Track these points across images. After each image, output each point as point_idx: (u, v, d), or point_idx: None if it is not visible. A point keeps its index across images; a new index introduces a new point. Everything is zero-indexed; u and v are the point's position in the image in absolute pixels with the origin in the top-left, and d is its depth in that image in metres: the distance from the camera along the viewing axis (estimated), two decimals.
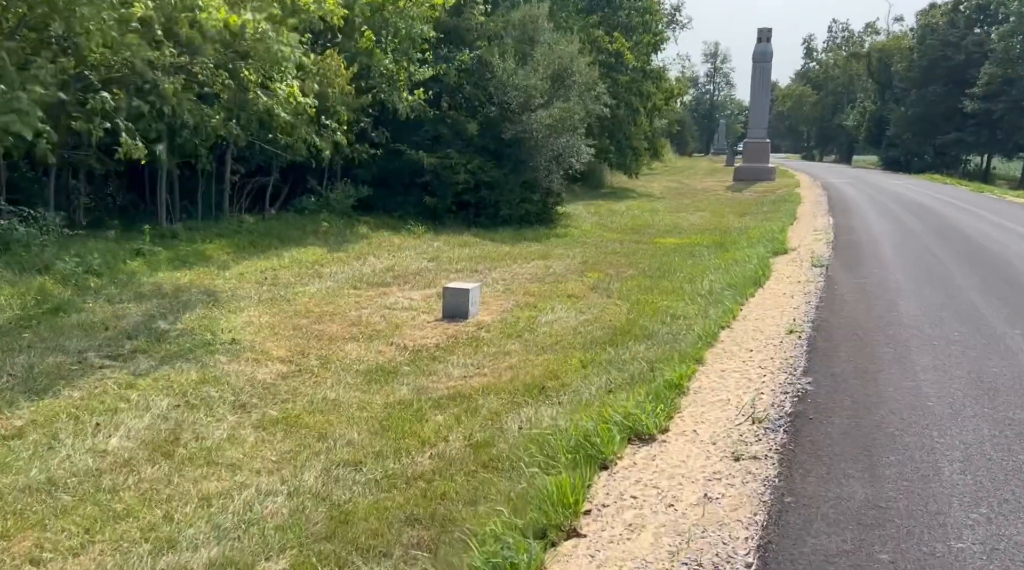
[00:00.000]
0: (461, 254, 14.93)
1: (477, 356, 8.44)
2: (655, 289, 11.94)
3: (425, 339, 9.12)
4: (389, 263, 13.71)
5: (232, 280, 11.59)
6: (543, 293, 11.82)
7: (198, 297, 10.33)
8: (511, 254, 15.28)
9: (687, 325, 9.24)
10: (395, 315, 10.18)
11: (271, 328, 9.21)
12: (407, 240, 16.29)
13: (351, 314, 10.10)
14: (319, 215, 16.81)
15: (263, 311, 9.98)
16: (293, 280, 11.91)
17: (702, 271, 13.36)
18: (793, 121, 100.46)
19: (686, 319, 9.66)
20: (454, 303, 10.13)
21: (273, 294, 10.92)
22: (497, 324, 9.87)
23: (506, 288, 12.16)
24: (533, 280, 12.90)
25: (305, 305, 10.42)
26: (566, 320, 10.10)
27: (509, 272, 13.51)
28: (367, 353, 8.44)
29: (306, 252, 14.04)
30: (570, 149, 19.74)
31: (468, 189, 18.40)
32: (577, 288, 12.25)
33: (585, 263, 14.69)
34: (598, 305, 10.99)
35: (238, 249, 13.70)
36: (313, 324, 9.52)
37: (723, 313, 9.58)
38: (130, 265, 11.55)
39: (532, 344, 8.91)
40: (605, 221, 21.79)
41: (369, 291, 11.55)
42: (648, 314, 10.09)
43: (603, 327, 9.65)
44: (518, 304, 11.04)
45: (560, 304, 11.02)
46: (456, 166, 18.15)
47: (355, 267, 13.21)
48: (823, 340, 7.96)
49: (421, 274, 12.94)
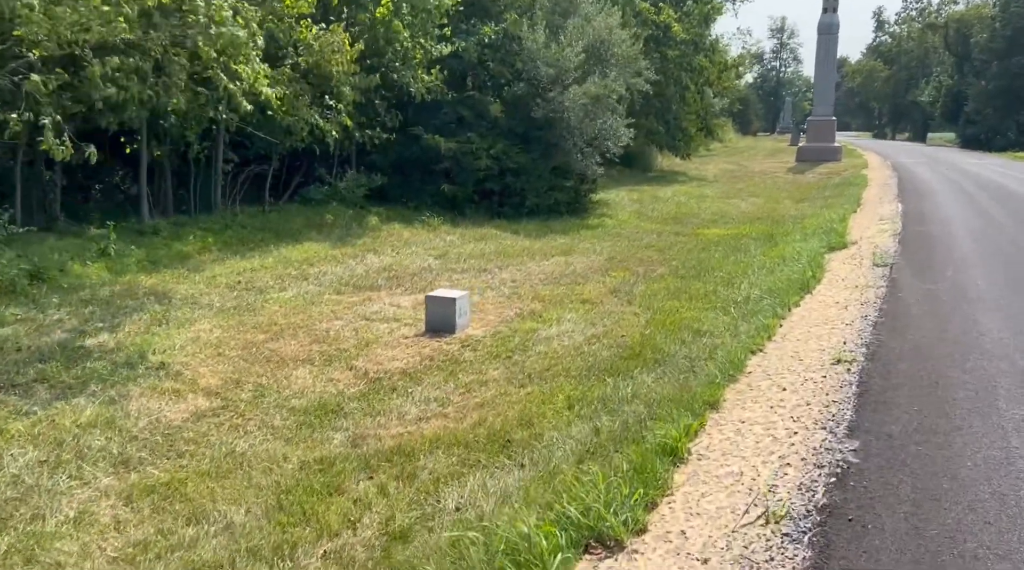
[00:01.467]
0: (474, 250, 13.41)
1: (447, 386, 6.93)
2: (684, 293, 10.24)
3: (394, 361, 7.64)
4: (389, 261, 12.27)
5: (201, 284, 10.28)
6: (554, 298, 10.24)
7: (150, 306, 9.03)
8: (531, 249, 13.70)
9: (711, 345, 7.57)
10: (371, 328, 8.73)
11: (216, 346, 7.85)
12: (419, 233, 14.83)
13: (319, 327, 8.68)
14: (327, 206, 15.47)
15: (218, 323, 8.63)
16: (271, 283, 10.56)
17: (743, 270, 11.59)
18: (864, 98, 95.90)
19: (712, 336, 7.99)
20: (438, 315, 8.63)
21: (239, 301, 9.57)
22: (487, 340, 8.34)
23: (513, 291, 10.61)
24: (548, 281, 11.31)
25: (270, 315, 9.04)
26: (571, 335, 8.51)
27: (522, 271, 11.94)
28: (316, 382, 7.00)
29: (299, 249, 12.69)
30: (607, 131, 17.98)
31: (491, 176, 16.83)
32: (595, 291, 10.63)
33: (611, 260, 13.02)
34: (613, 314, 9.37)
35: (224, 246, 12.42)
36: (269, 341, 8.13)
37: (757, 331, 7.88)
38: (88, 268, 10.34)
39: (520, 369, 7.36)
40: (646, 209, 19.99)
41: (353, 296, 10.12)
42: (668, 328, 8.44)
43: (611, 345, 8.04)
44: (521, 313, 9.48)
45: (570, 313, 9.43)
46: (478, 151, 16.60)
47: (349, 266, 11.81)
48: (879, 376, 6.21)
49: (420, 275, 11.47)
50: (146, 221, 12.53)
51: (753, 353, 7.19)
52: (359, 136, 15.79)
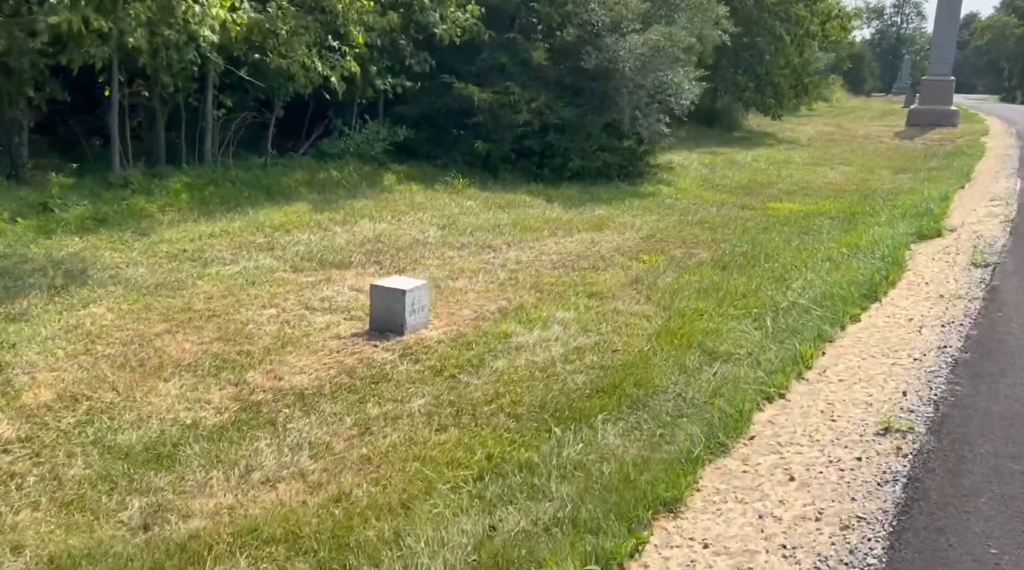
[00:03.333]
0: (488, 220, 11.49)
1: (343, 421, 5.14)
2: (718, 291, 8.13)
3: (300, 374, 5.89)
4: (381, 230, 10.49)
5: (136, 252, 8.74)
6: (557, 288, 8.29)
7: (51, 280, 7.53)
8: (558, 222, 11.69)
9: (719, 380, 5.54)
10: (304, 321, 7.00)
11: (91, 340, 6.26)
12: (435, 197, 12.98)
13: (239, 317, 7.01)
14: (340, 162, 13.78)
15: (119, 306, 7.05)
16: (223, 254, 8.94)
17: (803, 262, 9.34)
18: (992, 57, 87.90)
19: (728, 362, 5.95)
20: (384, 310, 6.81)
21: (168, 277, 7.98)
22: (440, 347, 6.50)
23: (511, 277, 8.70)
24: (560, 264, 9.34)
25: (191, 298, 7.42)
26: (550, 345, 6.59)
27: (535, 250, 9.99)
28: (179, 402, 5.32)
29: (283, 212, 11.05)
30: (669, 85, 15.61)
31: (532, 132, 14.77)
32: (611, 281, 8.62)
33: (649, 238, 10.91)
34: (619, 317, 7.37)
35: (198, 205, 10.88)
36: (165, 334, 6.50)
37: (788, 361, 5.78)
38: (15, 225, 8.95)
39: (455, 399, 5.51)
40: (715, 175, 17.55)
41: (311, 275, 8.41)
42: (677, 344, 6.43)
43: (593, 366, 6.09)
44: (505, 307, 7.59)
45: (565, 311, 7.48)
46: (517, 103, 14.54)
47: (330, 236, 10.09)
48: (944, 468, 4.07)
49: (409, 250, 9.65)
50: (116, 172, 11.10)
51: (770, 400, 5.12)
52: (381, 83, 13.99)
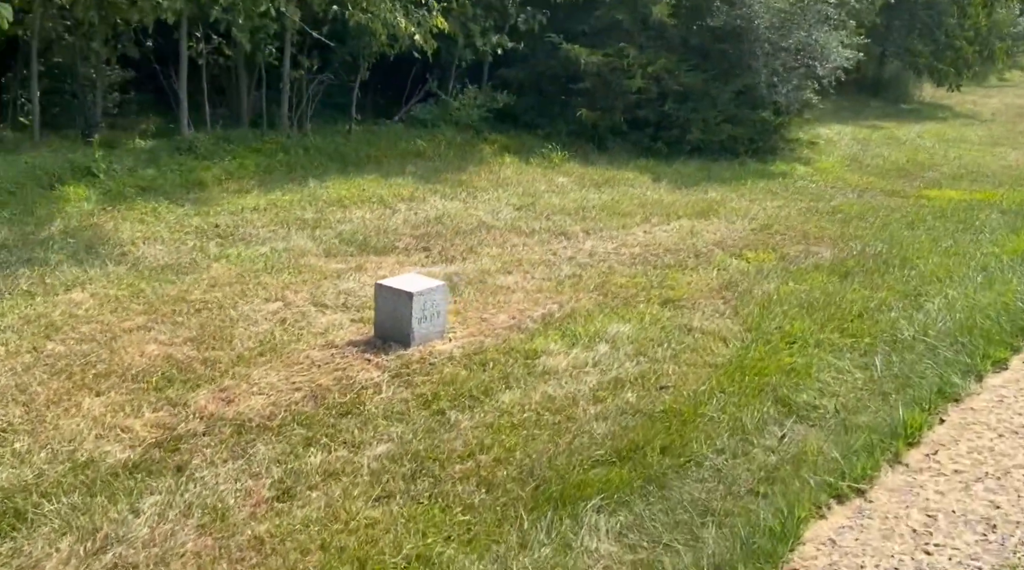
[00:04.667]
0: (576, 201, 10.06)
1: (259, 479, 4.02)
2: (825, 308, 6.44)
3: (261, 394, 4.82)
4: (448, 209, 9.31)
5: (163, 226, 7.98)
6: (626, 291, 6.85)
7: (50, 256, 6.85)
8: (658, 205, 10.11)
9: (780, 454, 4.00)
10: (308, 321, 5.94)
11: (46, 333, 5.45)
12: (527, 171, 11.65)
13: (235, 310, 6.04)
14: (434, 130, 12.70)
15: (106, 290, 6.25)
16: (257, 231, 8.04)
17: (948, 271, 7.41)
18: None
19: (801, 421, 4.39)
20: (389, 315, 5.63)
21: (182, 257, 7.14)
22: (447, 366, 5.27)
23: (575, 273, 7.32)
24: (641, 259, 7.86)
25: (194, 284, 6.52)
26: (582, 375, 5.22)
27: (617, 240, 8.53)
28: (86, 430, 4.36)
29: (349, 185, 10.06)
30: (813, 48, 13.46)
31: (647, 101, 13.09)
32: (697, 285, 7.07)
33: (763, 229, 9.16)
34: (686, 338, 5.87)
35: (260, 174, 10.08)
36: (135, 329, 5.61)
37: (884, 431, 4.15)
38: (50, 192, 8.42)
39: (423, 452, 4.27)
40: (866, 154, 15.16)
41: (341, 262, 7.35)
42: (743, 386, 4.91)
43: (624, 411, 4.69)
44: (551, 315, 6.24)
45: (624, 324, 6.06)
46: (631, 67, 12.89)
47: (386, 215, 9.01)
48: None
49: (469, 234, 8.43)
50: (184, 136, 10.49)
51: (842, 499, 3.56)
52: (481, 44, 12.76)
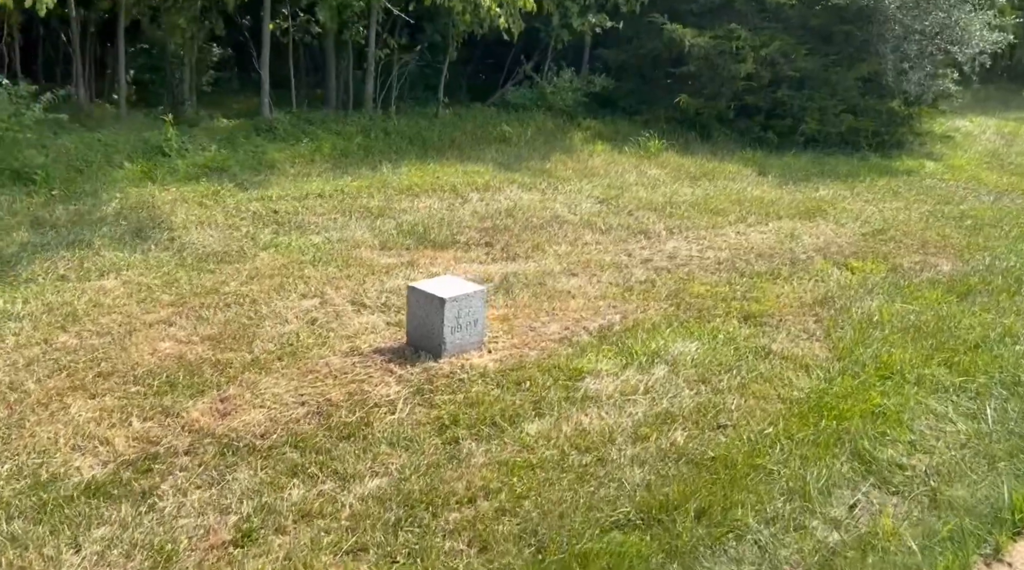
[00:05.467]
0: (665, 195, 9.23)
1: (224, 515, 3.54)
2: (936, 335, 5.48)
3: (263, 407, 4.37)
4: (523, 201, 8.68)
5: (219, 210, 7.70)
6: (703, 302, 6.08)
7: (95, 239, 6.64)
8: (758, 202, 9.16)
9: (843, 533, 3.20)
10: (340, 322, 5.47)
11: (63, 324, 5.17)
12: (618, 160, 10.86)
13: (268, 306, 5.63)
14: (526, 114, 12.09)
15: (140, 278, 5.97)
16: (316, 219, 7.65)
17: None
18: None
19: (881, 486, 3.59)
20: (422, 322, 5.07)
21: (231, 244, 6.81)
22: (478, 384, 4.68)
23: (648, 278, 6.58)
24: (728, 265, 7.03)
25: (236, 273, 6.17)
26: (628, 404, 4.55)
27: (703, 241, 7.70)
28: (63, 440, 4.00)
29: (422, 171, 9.56)
30: (952, 30, 12.04)
31: (757, 87, 12.03)
32: (788, 299, 6.22)
33: (876, 235, 8.12)
34: (762, 364, 5.08)
35: (336, 157, 9.73)
36: (156, 324, 5.27)
37: (986, 514, 3.28)
38: (120, 170, 8.31)
39: (418, 493, 3.70)
40: (1011, 151, 13.50)
41: (395, 256, 6.85)
42: (817, 433, 4.14)
43: (662, 458, 3.98)
44: (609, 327, 5.55)
45: (692, 342, 5.33)
46: (741, 50, 11.86)
47: (455, 205, 8.46)
48: None
49: (540, 229, 7.77)
50: (264, 116, 10.27)
51: None
52: (578, 23, 12.03)
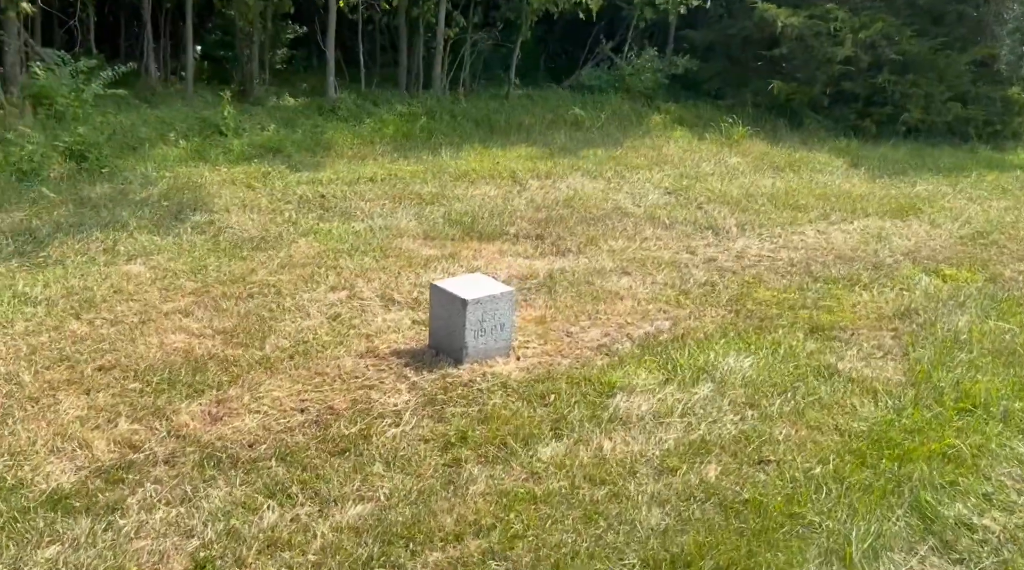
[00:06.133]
0: (743, 187, 8.55)
1: (174, 544, 3.21)
2: None
3: (256, 413, 4.05)
4: (585, 190, 8.17)
5: (267, 193, 7.47)
6: (767, 310, 5.49)
7: (131, 220, 6.49)
8: (846, 197, 8.38)
9: None
10: (362, 319, 5.13)
11: (76, 311, 4.98)
12: (697, 148, 10.18)
13: (293, 298, 5.33)
14: (602, 96, 11.53)
15: (167, 263, 5.76)
16: (362, 205, 7.34)
17: None
18: None
19: (945, 544, 3.01)
20: (443, 324, 4.66)
21: (270, 230, 6.56)
22: (497, 396, 4.25)
23: (709, 280, 6.01)
24: (801, 268, 6.38)
25: (268, 261, 5.90)
26: (660, 428, 4.04)
27: (777, 240, 7.04)
28: (42, 444, 3.75)
29: (483, 155, 9.15)
30: None
31: (855, 72, 11.10)
32: (865, 310, 5.56)
33: (979, 237, 7.28)
34: (824, 387, 4.48)
35: (397, 139, 9.42)
36: (171, 314, 5.03)
37: None
38: (171, 149, 8.21)
39: (400, 526, 3.29)
40: None
41: (436, 247, 6.45)
42: (875, 478, 3.56)
43: (688, 497, 3.48)
44: (655, 335, 5.04)
45: (746, 356, 4.77)
46: (839, 31, 10.95)
47: (512, 193, 8.02)
48: None
49: (597, 222, 7.25)
50: (329, 96, 10.04)
51: None
52: (662, 2, 11.36)
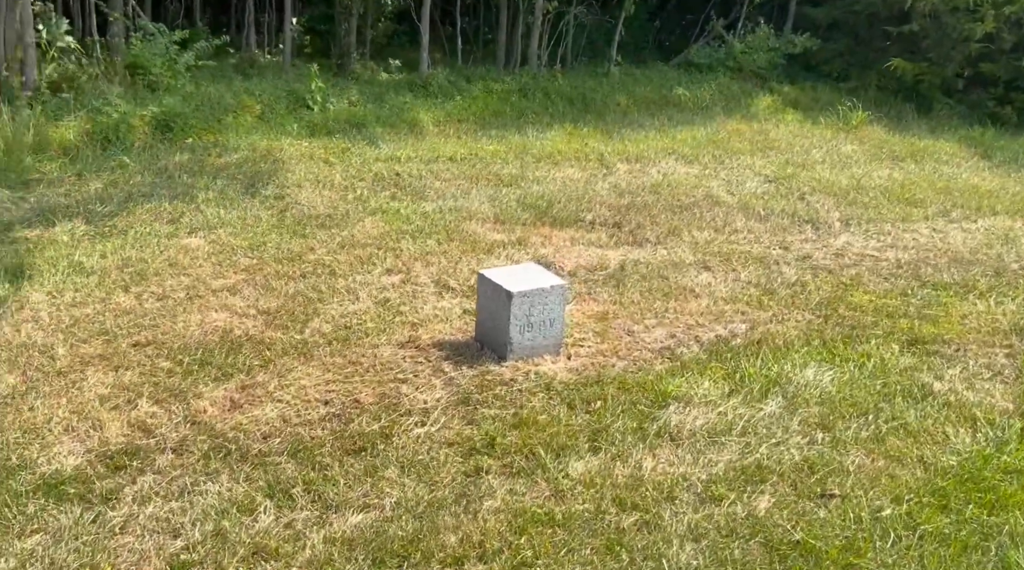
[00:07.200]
0: (853, 177, 7.81)
1: (158, 543, 3.03)
2: None
3: (279, 402, 3.87)
4: (676, 175, 7.64)
5: (343, 170, 7.32)
6: (860, 315, 4.95)
7: (200, 192, 6.44)
8: (974, 192, 7.53)
9: None
10: (411, 305, 4.89)
11: (126, 283, 4.94)
12: (808, 133, 9.42)
13: (345, 279, 5.15)
14: (709, 75, 10.89)
15: (227, 238, 5.68)
16: (437, 185, 7.08)
17: None
18: None
19: None
20: (489, 316, 4.35)
21: (339, 208, 6.40)
22: (538, 399, 3.93)
23: (799, 281, 5.47)
24: (909, 270, 5.74)
25: (329, 240, 5.74)
26: (711, 450, 3.66)
27: (886, 238, 6.38)
28: (57, 422, 3.68)
29: (572, 136, 8.73)
30: None
31: (995, 51, 10.01)
32: (978, 321, 4.94)
33: None
34: (915, 409, 3.95)
35: (486, 117, 9.13)
36: (219, 291, 4.93)
37: None
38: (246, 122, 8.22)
39: (399, 541, 3.01)
40: None
41: (505, 232, 6.12)
42: (955, 527, 3.03)
43: (726, 532, 3.09)
44: (727, 340, 4.59)
45: (828, 369, 4.30)
46: (978, 6, 9.88)
47: (597, 176, 7.58)
48: None
49: (685, 210, 6.74)
50: (425, 70, 9.84)
51: None
52: None
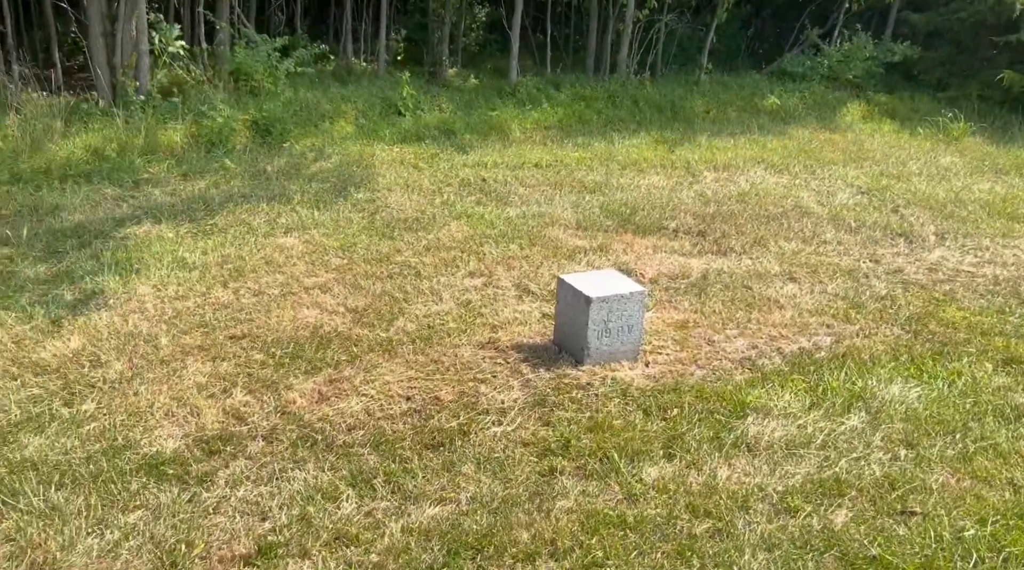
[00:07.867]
0: (950, 190, 7.53)
1: (236, 528, 3.17)
2: None
3: (364, 396, 4.00)
4: (764, 185, 7.53)
5: (431, 175, 7.47)
6: (952, 332, 4.82)
7: (294, 194, 6.68)
8: None
9: None
10: (493, 308, 4.97)
11: (224, 279, 5.17)
12: (907, 144, 9.11)
13: (431, 281, 5.27)
14: (802, 84, 10.66)
15: (319, 238, 5.88)
16: (522, 191, 7.16)
17: None
18: None
19: None
20: (568, 320, 4.39)
21: (426, 211, 6.54)
22: (614, 403, 3.96)
23: (888, 295, 5.35)
24: (1006, 286, 5.57)
25: (416, 242, 5.88)
26: (787, 462, 3.61)
27: (985, 252, 6.16)
28: (157, 407, 3.89)
29: (660, 143, 8.68)
30: None
31: None
32: None
33: None
34: (1007, 428, 3.86)
35: (572, 123, 9.16)
36: (311, 289, 5.11)
37: None
38: (341, 126, 8.44)
39: (492, 532, 3.11)
40: None
41: (588, 237, 6.16)
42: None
43: (799, 544, 3.08)
44: (810, 352, 4.53)
45: (917, 386, 4.22)
46: None
47: (682, 184, 7.53)
48: None
49: (772, 221, 6.63)
50: (515, 78, 9.97)
51: None
52: None
